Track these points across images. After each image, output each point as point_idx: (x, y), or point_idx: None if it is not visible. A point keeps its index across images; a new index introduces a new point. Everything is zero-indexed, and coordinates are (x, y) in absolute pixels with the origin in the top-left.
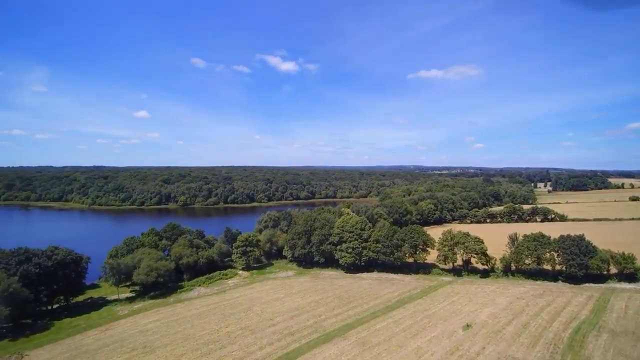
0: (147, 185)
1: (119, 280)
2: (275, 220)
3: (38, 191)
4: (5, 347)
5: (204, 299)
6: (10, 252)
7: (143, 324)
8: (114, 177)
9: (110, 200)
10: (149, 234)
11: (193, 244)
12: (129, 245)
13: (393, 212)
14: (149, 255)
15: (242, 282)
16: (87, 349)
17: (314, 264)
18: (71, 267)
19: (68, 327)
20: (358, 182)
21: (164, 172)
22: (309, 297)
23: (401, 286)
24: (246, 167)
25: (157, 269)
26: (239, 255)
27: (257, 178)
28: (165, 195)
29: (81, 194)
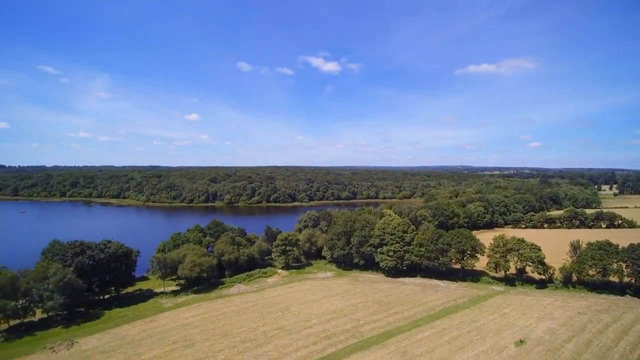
0: (195, 184)
1: (165, 274)
2: (314, 220)
3: (99, 188)
4: (59, 333)
5: (243, 296)
6: (68, 244)
7: (185, 318)
8: (166, 176)
9: (162, 198)
10: (194, 230)
11: (235, 242)
12: (175, 240)
13: (438, 214)
14: (193, 251)
15: (280, 281)
16: (132, 339)
17: (354, 265)
18: (122, 260)
19: (117, 317)
20: (401, 182)
21: (212, 171)
22: (348, 300)
23: (446, 294)
24: (289, 167)
25: (200, 265)
26: (279, 254)
27: (299, 178)
28: (212, 194)
29: (137, 191)
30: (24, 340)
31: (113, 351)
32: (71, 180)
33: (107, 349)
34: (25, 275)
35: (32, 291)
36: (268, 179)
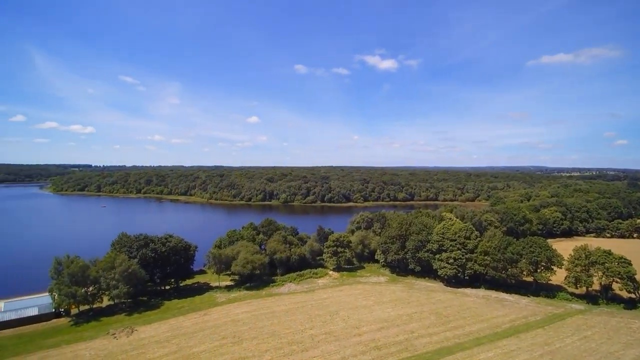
0: (254, 183)
1: (220, 269)
2: (368, 221)
3: (169, 186)
4: (121, 320)
5: (293, 295)
6: (134, 237)
7: (235, 314)
8: (228, 176)
9: (224, 196)
10: (248, 228)
11: (286, 241)
12: (231, 237)
13: (507, 219)
14: (246, 248)
15: (331, 282)
16: (185, 331)
17: (409, 271)
18: (181, 253)
19: (174, 308)
20: (464, 183)
21: (269, 171)
22: (401, 308)
23: (515, 310)
24: (344, 167)
25: (252, 262)
26: (330, 255)
27: (354, 178)
28: (269, 193)
29: (202, 189)
30: (90, 325)
31: (167, 342)
32: (146, 178)
33: (162, 339)
34: (95, 265)
35: (100, 279)
36: (323, 179)
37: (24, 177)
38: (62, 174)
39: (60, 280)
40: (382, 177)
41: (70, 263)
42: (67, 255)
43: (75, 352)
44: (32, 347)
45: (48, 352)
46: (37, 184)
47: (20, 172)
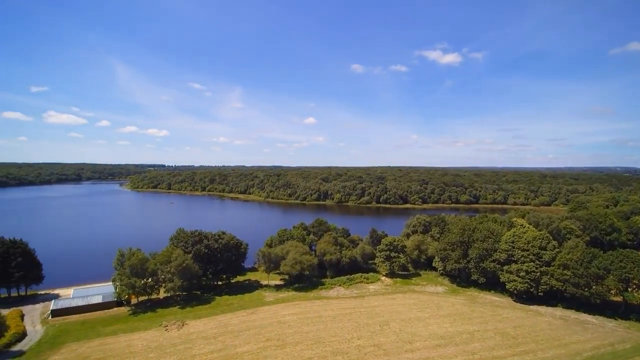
0: (309, 182)
1: (269, 268)
2: (425, 225)
3: (230, 185)
4: (175, 313)
5: (341, 300)
6: (189, 233)
7: (282, 315)
8: (284, 175)
9: (280, 195)
10: (298, 227)
11: (337, 242)
12: (281, 236)
13: (590, 227)
14: (295, 248)
15: (383, 289)
16: (232, 329)
17: (471, 283)
18: (232, 250)
19: (224, 304)
20: (538, 186)
21: (324, 171)
22: (461, 324)
23: (600, 335)
24: (401, 168)
25: (301, 263)
26: (383, 259)
27: (412, 178)
28: (323, 193)
29: (259, 188)
30: (146, 316)
31: (214, 338)
32: (210, 177)
33: (209, 335)
34: (154, 258)
35: (158, 272)
36: (378, 179)
37: (107, 175)
38: (139, 173)
39: (121, 271)
40: (443, 177)
41: (131, 255)
42: (130, 248)
43: (130, 341)
44: (92, 334)
45: (105, 339)
46: (118, 181)
47: (104, 170)
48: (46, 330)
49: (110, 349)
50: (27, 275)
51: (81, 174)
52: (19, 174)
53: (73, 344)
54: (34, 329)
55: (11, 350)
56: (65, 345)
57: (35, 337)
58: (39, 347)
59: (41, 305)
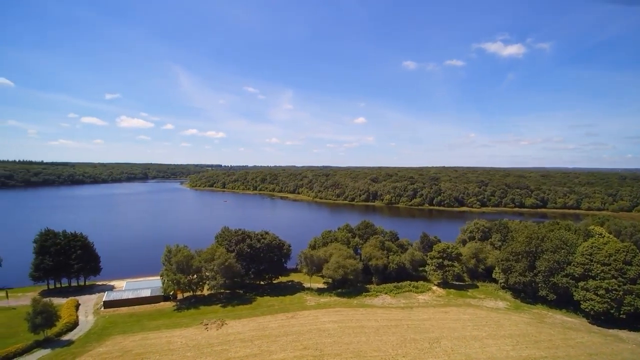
0: (357, 183)
1: (311, 270)
2: (485, 231)
3: (280, 184)
4: (216, 311)
5: (387, 310)
6: (233, 231)
7: (322, 322)
8: (333, 175)
9: (328, 195)
10: (343, 229)
11: (384, 246)
12: (325, 238)
13: None
14: (339, 251)
15: (434, 300)
16: (270, 332)
17: (538, 299)
18: (275, 251)
19: (265, 306)
20: (617, 189)
21: (374, 171)
22: (525, 348)
23: None
24: (457, 168)
25: (344, 267)
26: (434, 267)
27: (469, 179)
28: (373, 193)
29: (308, 188)
30: (189, 312)
31: (251, 342)
32: (261, 177)
33: (246, 337)
34: (199, 255)
35: (201, 269)
36: (432, 180)
37: (170, 174)
38: (197, 172)
39: (168, 267)
40: (505, 179)
41: (177, 252)
42: (177, 244)
43: (170, 338)
44: (137, 327)
45: (148, 334)
46: (179, 180)
47: (168, 170)
48: (96, 321)
49: (151, 344)
50: (86, 267)
51: (147, 173)
52: (94, 173)
53: (118, 337)
54: (86, 319)
55: (61, 339)
56: (111, 337)
57: (85, 328)
58: (87, 337)
59: (96, 296)
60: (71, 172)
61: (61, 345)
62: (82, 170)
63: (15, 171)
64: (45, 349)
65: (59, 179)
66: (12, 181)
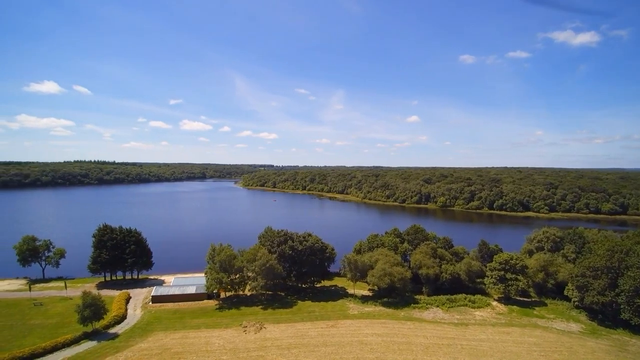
0: (409, 184)
1: (355, 276)
2: (555, 240)
3: (329, 184)
4: (256, 313)
5: (438, 326)
6: (276, 232)
7: (364, 334)
8: (383, 176)
9: (377, 196)
10: (390, 234)
11: (436, 254)
12: (371, 242)
13: None
14: (385, 257)
15: (493, 318)
16: (308, 341)
17: (619, 323)
18: (317, 254)
19: (305, 311)
20: None
21: (427, 172)
22: None
23: None
24: (521, 169)
25: (390, 275)
26: (495, 280)
27: (535, 181)
28: (425, 195)
29: (357, 188)
30: (229, 312)
31: (288, 350)
32: (310, 177)
33: (284, 344)
34: (242, 255)
35: (243, 269)
36: (492, 182)
37: (226, 174)
38: (251, 172)
39: (212, 266)
40: (578, 181)
41: (221, 251)
42: (220, 243)
43: (209, 338)
44: (179, 325)
45: (188, 333)
46: (233, 179)
47: (224, 170)
48: (143, 315)
49: (190, 343)
50: (138, 261)
51: (205, 172)
52: (158, 172)
53: (160, 333)
54: (133, 313)
55: (108, 332)
56: (153, 333)
57: (132, 322)
58: (132, 332)
59: (146, 290)
60: (139, 172)
61: (107, 338)
62: (148, 170)
63: (90, 170)
64: (92, 341)
65: (128, 177)
66: (88, 179)
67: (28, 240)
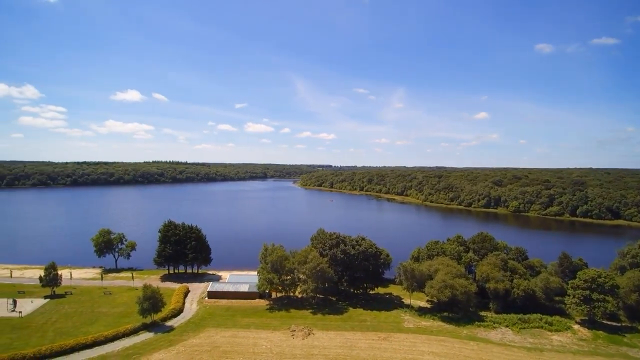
0: (476, 186)
1: (412, 286)
2: None
3: (387, 185)
4: (305, 317)
5: (507, 349)
6: (328, 235)
7: (420, 352)
8: (446, 177)
9: (440, 198)
10: (454, 241)
11: (507, 266)
12: (431, 250)
13: None
14: (447, 267)
15: (574, 344)
16: (357, 353)
17: None
18: (370, 259)
19: (356, 320)
20: None
21: (497, 173)
22: None
23: None
24: (610, 170)
25: (452, 287)
26: (578, 300)
27: (627, 185)
28: (495, 198)
29: (417, 190)
30: (279, 314)
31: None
32: (368, 177)
33: (331, 354)
34: (293, 257)
35: (294, 271)
36: (574, 185)
37: (285, 174)
38: (309, 172)
39: (264, 265)
40: None
41: (273, 251)
42: (273, 243)
43: (257, 340)
44: (230, 323)
45: (238, 332)
46: (292, 179)
47: (283, 170)
48: (198, 310)
49: (238, 343)
50: (198, 257)
51: (266, 172)
52: (224, 172)
53: (212, 330)
54: (190, 307)
55: (165, 324)
56: (206, 329)
57: (187, 316)
58: (186, 326)
59: (204, 285)
60: (207, 171)
61: (163, 331)
62: (215, 170)
63: (165, 170)
64: (150, 333)
65: (197, 176)
66: (163, 178)
67: (104, 233)
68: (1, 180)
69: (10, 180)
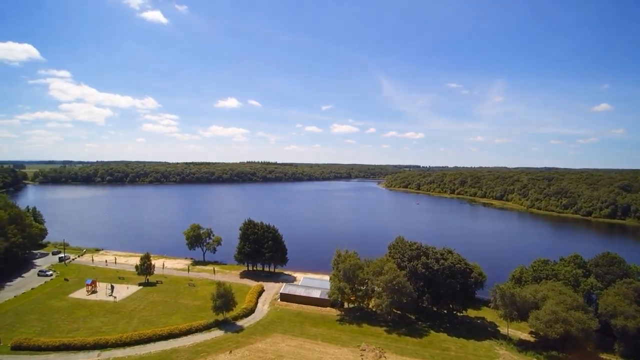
0: (598, 191)
1: (510, 314)
2: None
3: (483, 188)
4: (378, 335)
5: None
6: (408, 244)
7: None
8: (558, 180)
9: (549, 205)
10: (569, 262)
11: None
12: (537, 271)
13: None
14: (559, 295)
15: None
16: None
17: None
18: (458, 277)
19: (437, 346)
20: None
21: (626, 175)
22: None
23: None
24: None
25: (565, 322)
26: None
27: None
28: (623, 207)
29: (521, 195)
30: (349, 327)
31: None
32: (460, 179)
33: None
34: (368, 266)
35: (367, 282)
36: None
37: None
38: (394, 173)
39: (336, 273)
40: None
41: (345, 258)
42: (346, 249)
43: (323, 355)
44: (298, 330)
45: (304, 342)
46: (377, 180)
47: (368, 170)
48: (269, 312)
49: (303, 355)
50: (274, 256)
51: (351, 173)
52: (310, 172)
53: (279, 336)
54: (262, 308)
55: (236, 323)
56: (273, 334)
57: (258, 317)
58: (255, 328)
59: (278, 285)
60: (294, 171)
61: (232, 330)
62: (301, 170)
63: (257, 170)
64: (220, 330)
65: (285, 176)
66: (255, 177)
67: (194, 228)
68: (126, 178)
69: (132, 178)
